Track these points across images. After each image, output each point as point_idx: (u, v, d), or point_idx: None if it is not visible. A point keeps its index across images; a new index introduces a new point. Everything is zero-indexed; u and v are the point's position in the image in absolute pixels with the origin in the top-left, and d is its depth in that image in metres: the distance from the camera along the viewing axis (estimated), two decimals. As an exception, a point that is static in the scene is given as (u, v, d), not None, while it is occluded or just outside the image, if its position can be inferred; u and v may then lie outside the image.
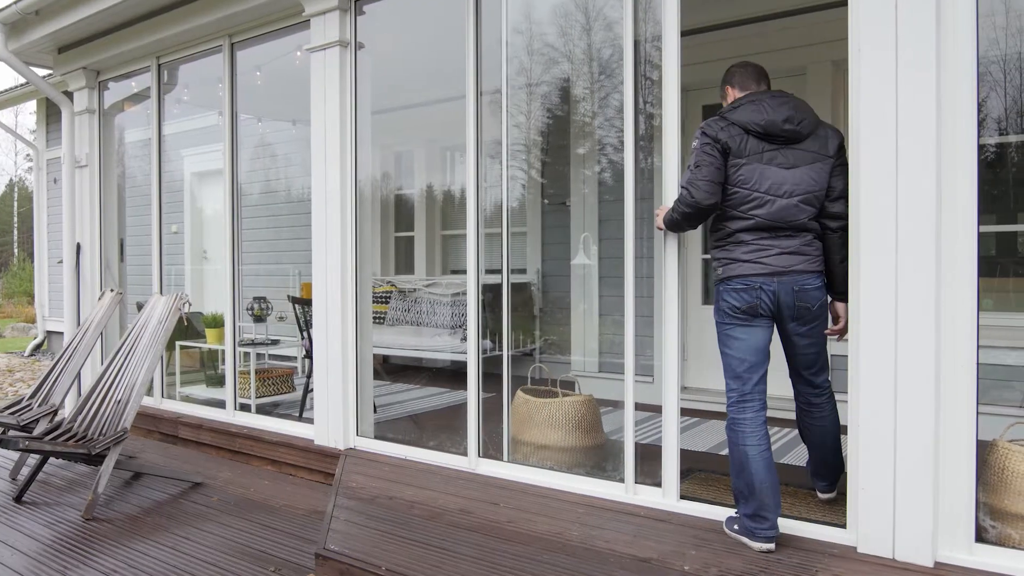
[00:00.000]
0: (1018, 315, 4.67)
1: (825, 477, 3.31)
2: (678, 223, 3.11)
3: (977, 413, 2.56)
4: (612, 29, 6.06)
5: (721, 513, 3.11)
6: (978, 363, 2.57)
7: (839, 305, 3.07)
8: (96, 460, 3.93)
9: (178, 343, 6.11)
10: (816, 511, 3.19)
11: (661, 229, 3.23)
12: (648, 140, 5.80)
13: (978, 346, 2.56)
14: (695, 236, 5.73)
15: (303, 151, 7.19)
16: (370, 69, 4.52)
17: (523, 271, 7.08)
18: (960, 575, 2.52)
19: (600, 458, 3.97)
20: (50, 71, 6.56)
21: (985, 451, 2.77)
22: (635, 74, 3.44)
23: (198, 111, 7.68)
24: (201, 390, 6.01)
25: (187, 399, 5.81)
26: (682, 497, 3.26)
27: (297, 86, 4.86)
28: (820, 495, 3.33)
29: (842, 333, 3.06)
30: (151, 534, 3.57)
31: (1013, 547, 2.59)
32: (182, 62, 5.66)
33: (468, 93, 3.93)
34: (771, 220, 2.91)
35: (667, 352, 3.26)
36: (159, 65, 5.70)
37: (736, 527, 2.95)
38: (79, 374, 5.13)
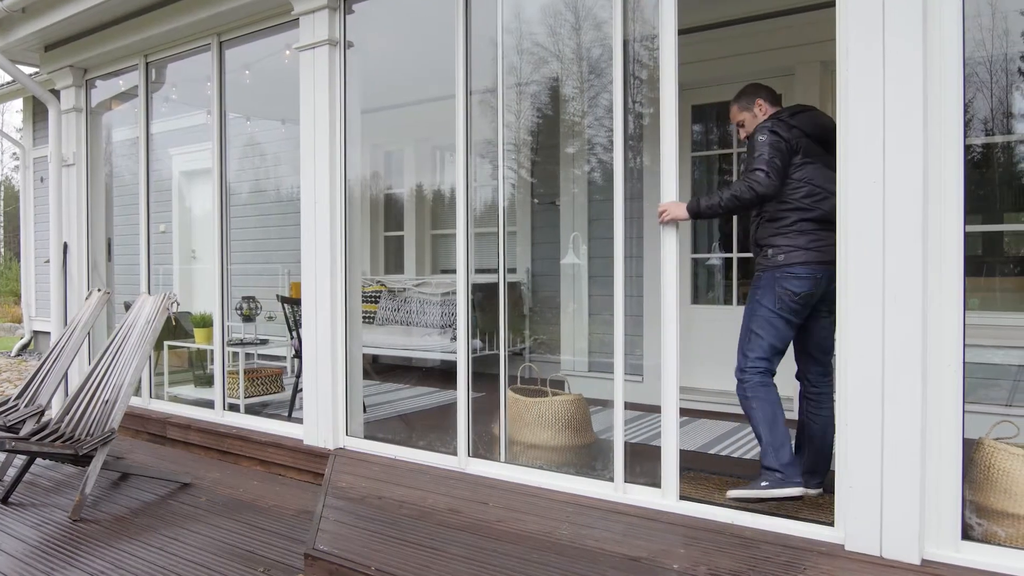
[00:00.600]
0: (1004, 314, 4.71)
1: (819, 473, 3.37)
2: (732, 209, 3.33)
3: (963, 411, 2.58)
4: (601, 29, 6.07)
5: (713, 512, 3.12)
6: (964, 362, 2.59)
7: None
8: (83, 461, 3.91)
9: (166, 343, 6.07)
10: (804, 510, 3.20)
11: (667, 223, 3.29)
12: (637, 140, 5.81)
13: (964, 345, 2.58)
14: (686, 235, 5.74)
15: (292, 150, 7.17)
16: (359, 68, 4.51)
17: (513, 271, 7.09)
18: (947, 572, 2.54)
19: (590, 457, 3.98)
20: (37, 69, 6.51)
21: (971, 449, 2.80)
22: (624, 73, 3.44)
23: (186, 110, 7.63)
24: (190, 390, 5.98)
25: (175, 399, 5.78)
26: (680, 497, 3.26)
27: (286, 85, 4.84)
28: (810, 492, 3.34)
29: None
30: (139, 535, 3.55)
31: (999, 544, 2.61)
32: (170, 60, 5.63)
33: (457, 92, 3.93)
34: (829, 214, 3.13)
35: (667, 349, 3.23)
36: (147, 63, 5.66)
37: (765, 483, 3.11)
38: (66, 374, 5.09)
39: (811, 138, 3.28)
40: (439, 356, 6.55)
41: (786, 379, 3.34)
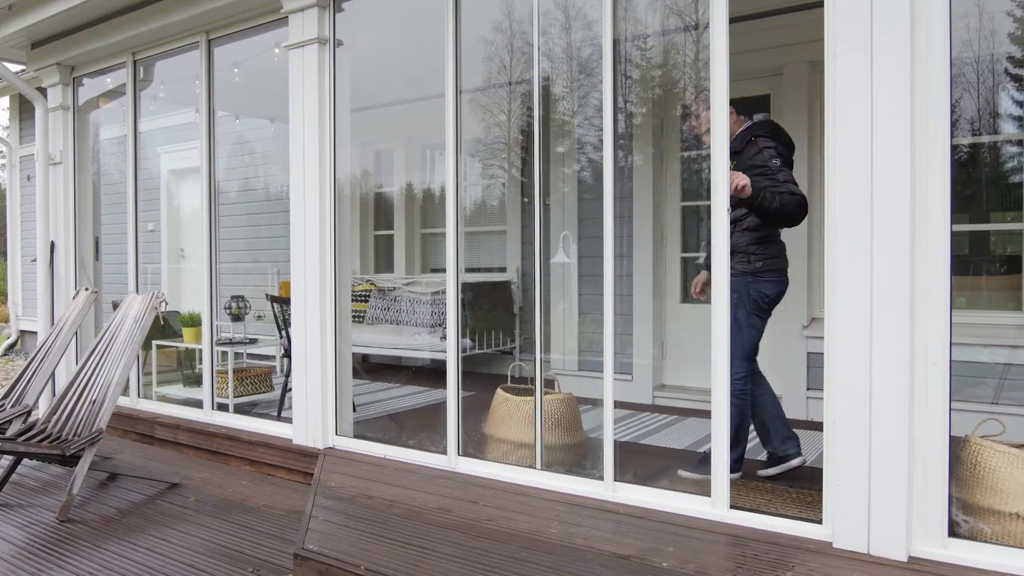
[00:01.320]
0: (991, 313, 4.75)
1: (777, 444, 3.72)
2: (795, 218, 3.56)
3: (950, 409, 2.60)
4: (592, 28, 6.08)
5: (703, 511, 3.13)
6: (951, 360, 2.61)
7: None
8: (71, 461, 3.89)
9: (154, 342, 6.04)
10: (792, 507, 3.22)
11: (739, 196, 3.40)
12: (628, 139, 5.83)
13: (951, 343, 2.60)
14: (675, 234, 5.76)
15: (282, 149, 7.15)
16: (349, 67, 4.49)
17: (503, 270, 7.09)
18: (933, 569, 2.55)
19: (580, 456, 3.99)
20: (23, 66, 6.46)
21: (958, 447, 2.82)
22: (614, 72, 3.44)
23: (175, 108, 7.59)
24: (178, 390, 5.95)
25: (164, 399, 5.75)
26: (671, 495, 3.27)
27: (275, 83, 4.82)
28: (770, 470, 3.71)
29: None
30: (127, 535, 3.54)
31: (985, 541, 2.63)
32: (158, 58, 5.60)
33: (447, 91, 3.92)
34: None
35: (718, 348, 3.09)
36: (135, 61, 5.63)
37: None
38: (53, 374, 5.06)
39: (790, 150, 3.62)
40: (429, 355, 6.54)
41: (777, 377, 3.36)
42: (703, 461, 3.58)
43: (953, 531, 2.64)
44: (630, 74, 5.95)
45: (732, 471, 3.43)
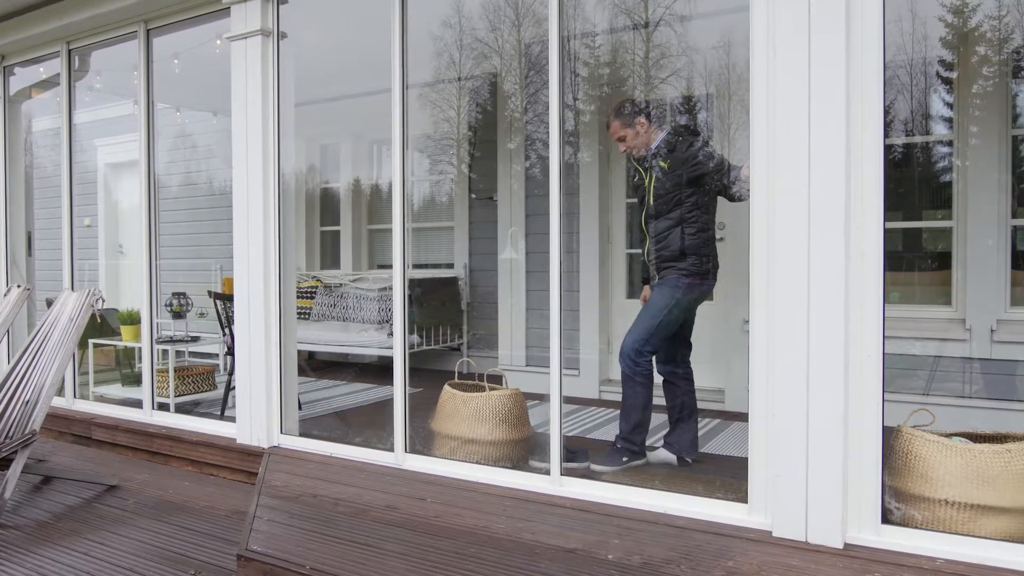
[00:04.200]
0: (923, 307, 4.93)
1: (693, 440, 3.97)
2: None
3: (883, 401, 2.69)
4: (541, 25, 6.10)
5: (647, 503, 3.17)
6: (884, 353, 2.70)
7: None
8: (2, 464, 3.75)
9: (91, 341, 5.87)
10: (731, 494, 3.28)
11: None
12: (576, 136, 5.86)
13: (884, 337, 2.69)
14: (620, 230, 5.83)
15: (225, 142, 6.99)
16: (294, 59, 4.43)
17: (450, 266, 7.07)
18: (867, 555, 2.64)
19: (527, 451, 4.00)
20: (-51, 55, 6.20)
21: (891, 437, 2.91)
22: (560, 69, 3.46)
23: (112, 99, 7.39)
24: (117, 390, 5.79)
25: (102, 399, 5.59)
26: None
27: (218, 75, 4.72)
28: (689, 459, 3.93)
29: None
30: (62, 540, 3.43)
31: (916, 527, 2.73)
32: (95, 48, 5.43)
33: (393, 86, 3.89)
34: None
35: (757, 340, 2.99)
36: (69, 51, 5.45)
37: (626, 458, 3.79)
38: (-17, 374, 4.87)
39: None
40: (376, 352, 6.49)
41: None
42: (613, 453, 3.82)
43: (886, 518, 2.74)
44: (578, 72, 5.99)
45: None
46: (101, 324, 5.63)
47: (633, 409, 3.81)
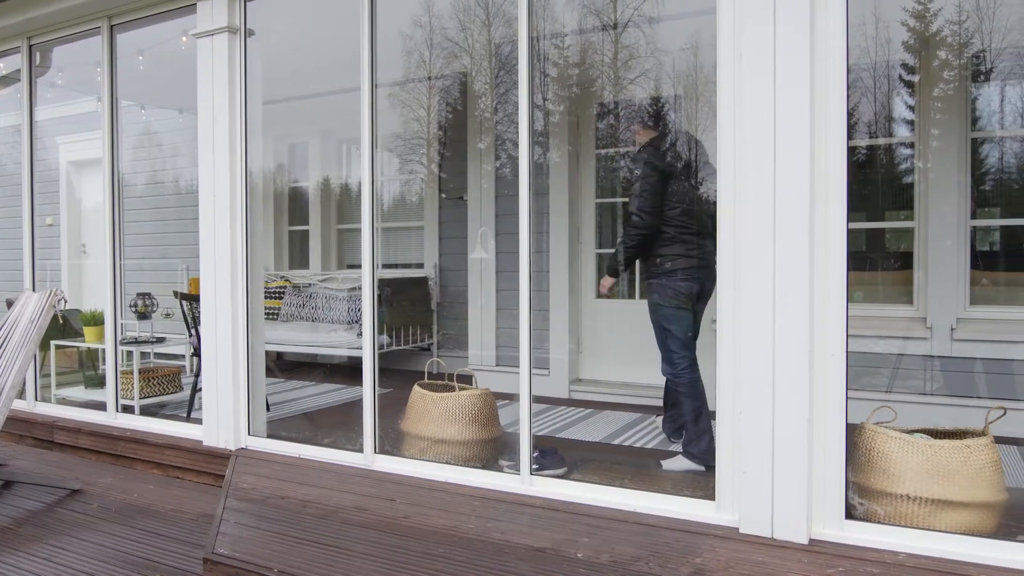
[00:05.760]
0: (885, 306, 5.02)
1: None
2: (636, 250, 3.97)
3: (847, 398, 2.74)
4: (511, 26, 6.10)
5: (615, 501, 3.19)
6: (848, 351, 2.75)
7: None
8: (-41, 469, 3.67)
9: (53, 342, 5.75)
10: (699, 491, 3.32)
11: (605, 294, 4.00)
12: (546, 136, 5.88)
13: (847, 336, 2.74)
14: (590, 230, 5.85)
15: (191, 141, 6.90)
16: (261, 57, 4.38)
17: (420, 265, 7.05)
18: (832, 550, 2.68)
19: (497, 451, 4.01)
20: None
21: (854, 434, 2.97)
22: (530, 69, 3.47)
23: (75, 96, 7.24)
24: (80, 392, 5.69)
25: (64, 401, 5.49)
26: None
27: (183, 73, 4.65)
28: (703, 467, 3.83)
29: None
30: (23, 546, 3.36)
31: (879, 522, 2.78)
32: (57, 43, 5.32)
33: (363, 85, 3.87)
34: (699, 224, 3.85)
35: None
36: (30, 46, 5.34)
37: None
38: (-60, 377, 4.75)
39: (681, 160, 3.95)
40: (345, 352, 6.45)
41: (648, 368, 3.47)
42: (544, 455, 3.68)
43: (850, 513, 2.79)
44: (548, 72, 6.00)
45: (701, 463, 3.69)
46: (63, 325, 5.52)
47: (690, 422, 3.85)
